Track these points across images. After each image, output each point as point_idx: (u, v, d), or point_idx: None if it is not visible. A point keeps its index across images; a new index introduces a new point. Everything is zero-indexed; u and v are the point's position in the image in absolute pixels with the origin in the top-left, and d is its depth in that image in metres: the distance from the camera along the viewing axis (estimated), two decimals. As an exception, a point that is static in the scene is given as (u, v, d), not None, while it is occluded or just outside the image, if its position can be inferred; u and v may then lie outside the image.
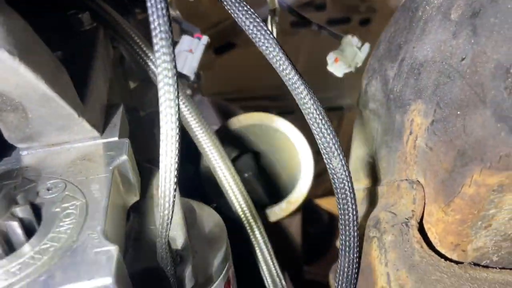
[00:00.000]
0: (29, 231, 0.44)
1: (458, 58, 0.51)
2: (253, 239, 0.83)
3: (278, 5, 0.87)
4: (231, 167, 0.81)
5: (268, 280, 0.87)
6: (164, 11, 0.41)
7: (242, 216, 0.82)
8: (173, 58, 0.42)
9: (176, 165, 0.44)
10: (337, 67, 0.97)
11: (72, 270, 0.40)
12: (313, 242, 1.54)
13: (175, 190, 0.45)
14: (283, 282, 0.89)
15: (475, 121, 0.45)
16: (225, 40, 2.07)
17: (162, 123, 0.43)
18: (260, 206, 0.96)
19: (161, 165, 0.44)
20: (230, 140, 1.00)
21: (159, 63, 0.41)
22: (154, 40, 0.40)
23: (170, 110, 0.42)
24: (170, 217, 0.46)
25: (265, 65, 0.56)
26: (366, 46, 0.96)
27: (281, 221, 1.00)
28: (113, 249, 0.41)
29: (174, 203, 0.45)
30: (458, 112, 0.48)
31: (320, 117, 0.54)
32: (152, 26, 0.40)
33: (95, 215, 0.45)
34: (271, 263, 0.86)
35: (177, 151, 0.44)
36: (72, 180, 0.51)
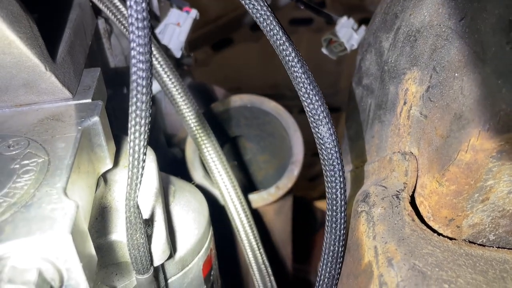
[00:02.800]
0: (-17, 187, 0.40)
1: (457, 18, 0.47)
2: (238, 223, 0.79)
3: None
4: (218, 148, 0.78)
5: (253, 266, 0.83)
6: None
7: (227, 198, 0.78)
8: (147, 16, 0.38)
9: (148, 118, 0.40)
10: (331, 49, 0.94)
11: (23, 225, 0.36)
12: (306, 242, 1.50)
13: (145, 146, 0.41)
14: (269, 270, 0.85)
15: (473, 81, 0.42)
16: (223, 36, 2.03)
17: (131, 71, 0.39)
18: (248, 193, 0.92)
19: (131, 117, 0.40)
20: (218, 122, 0.96)
21: (130, 19, 0.37)
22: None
23: (140, 56, 0.38)
24: (139, 177, 0.42)
25: (264, 62, 0.52)
26: (362, 28, 0.93)
27: (270, 208, 0.96)
28: (71, 205, 0.37)
29: (144, 161, 0.42)
30: (456, 74, 0.45)
31: (309, 81, 0.51)
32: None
33: (56, 172, 0.41)
34: (257, 249, 0.82)
35: (148, 104, 0.40)
36: (36, 138, 0.47)
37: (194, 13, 0.83)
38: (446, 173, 0.45)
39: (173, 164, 1.09)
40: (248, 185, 1.12)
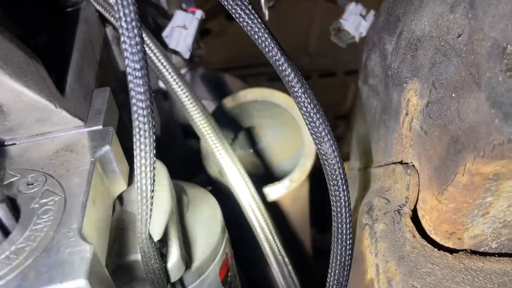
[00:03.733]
0: (6, 229, 0.44)
1: (454, 34, 0.47)
2: (253, 219, 0.82)
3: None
4: (229, 149, 0.80)
5: (270, 257, 0.87)
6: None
7: (242, 198, 0.81)
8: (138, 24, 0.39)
9: (152, 159, 0.43)
10: (340, 37, 0.93)
11: (45, 271, 0.39)
12: (326, 210, 1.53)
13: (152, 184, 0.44)
14: (286, 259, 0.88)
15: (469, 106, 0.42)
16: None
17: (133, 116, 0.41)
18: (264, 180, 0.94)
19: (136, 159, 0.42)
20: (230, 116, 0.98)
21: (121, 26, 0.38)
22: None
23: (140, 103, 0.40)
24: (149, 213, 0.45)
25: (279, 29, 0.53)
26: (371, 14, 0.91)
27: (285, 198, 0.98)
28: (87, 249, 0.40)
29: (152, 198, 0.44)
30: (453, 94, 0.45)
31: (309, 101, 0.52)
32: None
33: (72, 211, 0.44)
34: (273, 241, 0.85)
35: (152, 144, 0.42)
36: (53, 174, 0.50)
37: (199, 14, 0.84)
38: (444, 192, 0.46)
39: (190, 156, 1.12)
40: (264, 172, 1.14)
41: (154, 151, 0.42)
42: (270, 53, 0.52)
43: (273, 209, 0.99)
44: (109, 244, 0.52)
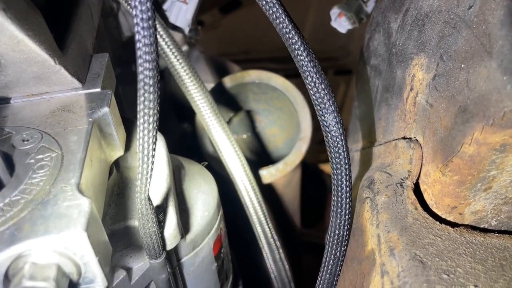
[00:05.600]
0: (1, 183, 0.42)
1: (465, 6, 0.46)
2: (247, 200, 0.81)
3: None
4: (226, 127, 0.79)
5: (262, 240, 0.86)
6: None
7: (236, 177, 0.80)
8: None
9: (156, 116, 0.41)
10: (340, 22, 0.92)
11: (41, 223, 0.37)
12: (315, 206, 1.53)
13: (154, 142, 0.43)
14: (278, 243, 0.87)
15: (479, 74, 0.42)
16: (231, -2, 2.00)
17: (138, 70, 0.39)
18: (257, 167, 0.93)
19: (139, 115, 0.41)
20: (226, 98, 0.97)
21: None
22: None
23: (146, 56, 0.39)
24: (149, 171, 0.43)
25: (271, 26, 0.52)
26: (372, 0, 0.91)
27: (278, 182, 0.98)
28: (85, 203, 0.39)
29: (153, 156, 0.43)
30: (462, 65, 0.45)
31: (314, 70, 0.51)
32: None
33: (70, 167, 0.43)
34: (265, 224, 0.84)
35: (156, 101, 0.41)
36: (49, 131, 0.48)
37: (200, -11, 0.82)
38: (449, 164, 0.45)
39: (183, 139, 1.11)
40: (257, 158, 1.13)
41: (158, 108, 0.41)
42: (278, 20, 0.51)
43: (267, 193, 0.98)
44: (104, 209, 0.51)
